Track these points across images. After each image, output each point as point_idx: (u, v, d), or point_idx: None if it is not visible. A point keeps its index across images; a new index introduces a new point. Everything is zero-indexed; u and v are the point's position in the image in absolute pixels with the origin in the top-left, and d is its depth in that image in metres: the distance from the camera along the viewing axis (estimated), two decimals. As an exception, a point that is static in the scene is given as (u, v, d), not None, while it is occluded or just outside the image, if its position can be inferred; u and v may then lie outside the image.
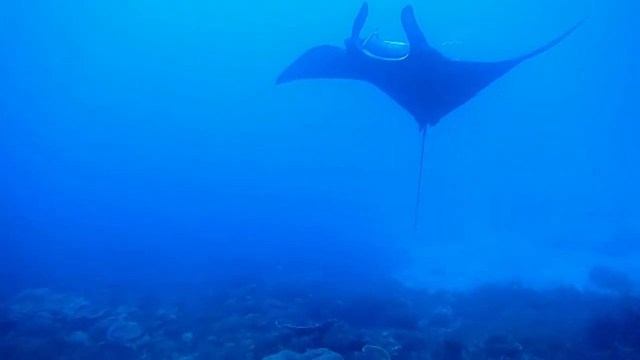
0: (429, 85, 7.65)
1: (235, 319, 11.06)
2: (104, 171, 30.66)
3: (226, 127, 41.02)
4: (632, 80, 35.15)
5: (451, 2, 33.44)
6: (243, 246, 19.82)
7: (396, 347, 9.06)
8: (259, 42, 41.92)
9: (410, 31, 6.73)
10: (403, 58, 7.05)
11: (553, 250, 21.50)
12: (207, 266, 17.01)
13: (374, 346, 8.77)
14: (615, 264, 16.57)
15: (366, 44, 7.33)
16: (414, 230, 8.14)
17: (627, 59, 34.30)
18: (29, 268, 13.50)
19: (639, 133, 36.84)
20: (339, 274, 16.49)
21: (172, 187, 29.44)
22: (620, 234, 21.95)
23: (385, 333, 10.40)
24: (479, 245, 23.30)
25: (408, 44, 7.01)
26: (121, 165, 31.88)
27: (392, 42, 7.49)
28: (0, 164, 28.21)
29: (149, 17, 39.72)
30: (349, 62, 7.77)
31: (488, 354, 8.50)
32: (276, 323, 9.59)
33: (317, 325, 9.16)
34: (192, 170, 32.88)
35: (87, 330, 9.50)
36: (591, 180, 31.78)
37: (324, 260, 17.79)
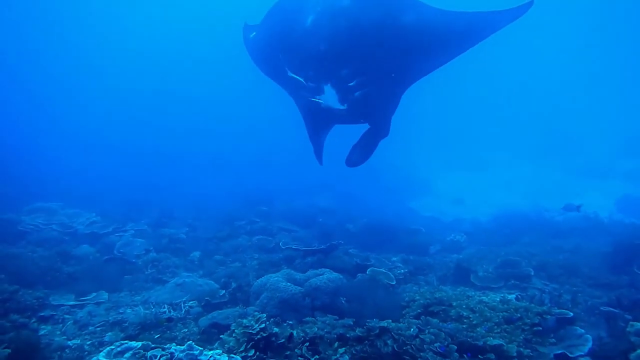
0: None
1: (243, 240, 11.04)
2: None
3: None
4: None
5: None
6: (260, 169, 19.71)
7: (402, 271, 8.83)
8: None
9: None
10: None
11: (582, 179, 20.58)
12: (223, 188, 17.04)
13: (379, 269, 8.55)
14: None
15: None
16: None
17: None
18: (44, 182, 13.68)
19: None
20: (354, 201, 16.24)
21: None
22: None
23: (394, 258, 10.21)
24: (505, 175, 22.52)
25: None
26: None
27: None
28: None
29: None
30: None
31: (498, 278, 8.19)
32: (281, 244, 9.43)
33: (322, 247, 8.95)
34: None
35: (94, 244, 9.61)
36: (626, 111, 29.80)
37: (340, 186, 17.49)
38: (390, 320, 5.99)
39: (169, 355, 4.48)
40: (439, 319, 6.40)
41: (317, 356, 5.31)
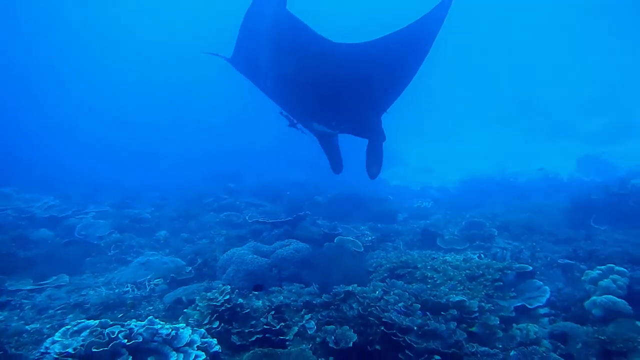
0: None
1: (211, 217, 10.89)
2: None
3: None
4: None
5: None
6: (228, 147, 19.36)
7: (370, 238, 8.88)
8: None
9: None
10: None
11: (546, 142, 21.03)
12: (191, 168, 16.71)
13: (346, 237, 8.57)
14: (605, 152, 16.03)
15: None
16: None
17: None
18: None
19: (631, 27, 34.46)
20: (324, 174, 16.11)
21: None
22: (612, 124, 21.43)
23: (363, 227, 10.26)
24: (472, 143, 22.82)
25: None
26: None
27: None
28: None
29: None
30: None
31: (463, 239, 8.33)
32: (247, 218, 9.31)
33: (289, 219, 8.89)
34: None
35: (53, 228, 9.28)
36: (587, 73, 30.39)
37: (310, 160, 17.32)
38: (356, 285, 6.02)
39: (128, 331, 4.35)
40: (405, 281, 6.46)
41: (282, 323, 5.30)
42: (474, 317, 5.31)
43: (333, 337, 5.12)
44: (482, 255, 6.97)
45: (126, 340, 4.20)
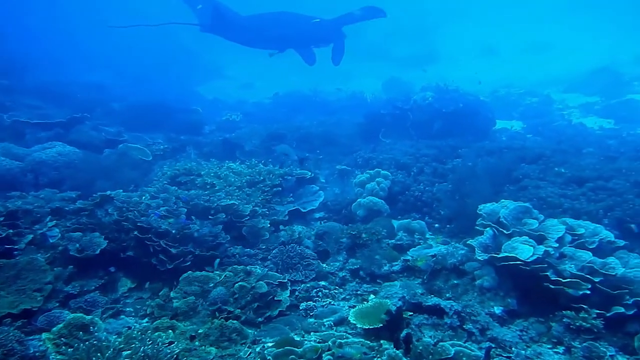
0: None
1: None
2: None
3: None
4: None
5: None
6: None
7: (162, 147, 8.11)
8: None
9: None
10: None
11: (362, 63, 21.84)
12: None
13: (133, 145, 7.67)
14: (408, 75, 17.32)
15: None
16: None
17: None
18: None
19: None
20: (134, 80, 14.33)
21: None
22: (420, 50, 23.56)
23: (160, 137, 9.40)
24: (293, 61, 22.62)
25: None
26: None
27: None
28: None
29: None
30: None
31: (263, 152, 8.13)
32: (5, 118, 7.65)
33: (61, 120, 7.57)
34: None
35: None
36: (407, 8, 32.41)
37: (115, 61, 15.18)
38: (121, 190, 5.35)
39: None
40: (185, 188, 5.99)
41: (12, 231, 4.41)
42: (244, 221, 5.14)
43: (78, 245, 4.45)
44: (267, 162, 6.82)
45: None
